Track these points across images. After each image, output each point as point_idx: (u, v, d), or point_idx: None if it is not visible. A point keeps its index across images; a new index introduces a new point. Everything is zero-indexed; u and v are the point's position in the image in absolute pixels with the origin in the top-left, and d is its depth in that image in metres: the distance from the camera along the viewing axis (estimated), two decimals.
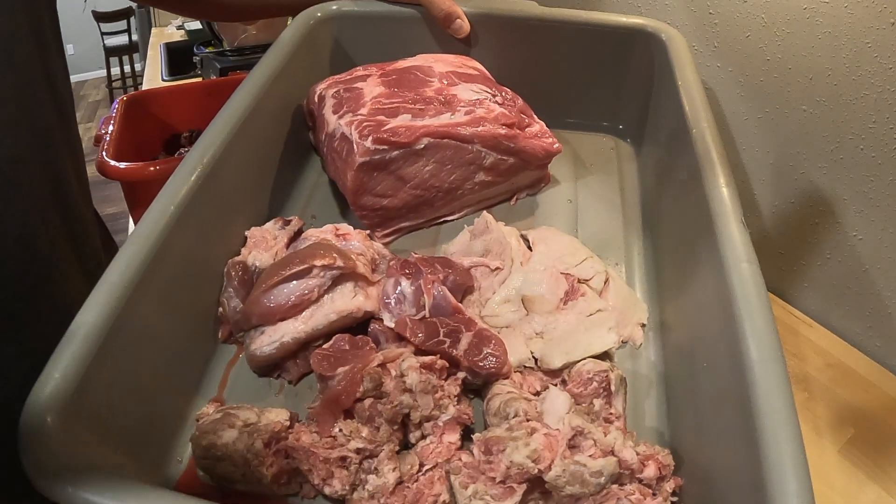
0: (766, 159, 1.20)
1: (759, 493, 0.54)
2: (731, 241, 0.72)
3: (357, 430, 0.68)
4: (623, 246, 0.96)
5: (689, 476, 0.68)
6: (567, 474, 0.62)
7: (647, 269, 0.93)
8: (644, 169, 1.08)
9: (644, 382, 0.81)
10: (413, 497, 0.66)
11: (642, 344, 0.84)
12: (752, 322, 0.64)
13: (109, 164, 1.29)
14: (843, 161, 1.08)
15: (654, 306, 0.88)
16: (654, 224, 0.97)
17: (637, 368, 0.82)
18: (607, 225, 0.99)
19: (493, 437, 0.64)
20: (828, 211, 1.12)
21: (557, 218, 0.99)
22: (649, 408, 0.79)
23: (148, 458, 0.73)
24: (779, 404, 0.58)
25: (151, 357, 0.73)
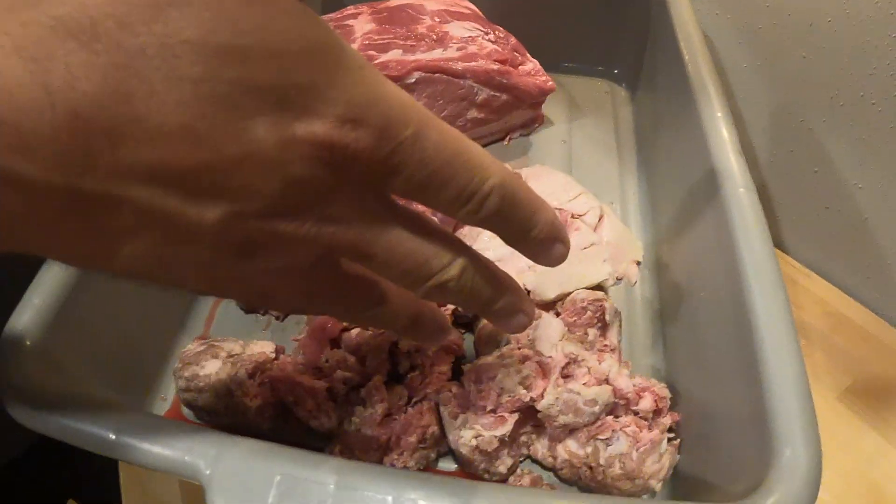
0: (765, 109, 1.15)
1: (762, 430, 0.50)
2: (728, 170, 0.68)
3: (344, 359, 0.64)
4: (618, 185, 0.92)
5: (687, 412, 0.65)
6: (560, 402, 0.59)
7: (643, 209, 0.89)
8: (640, 112, 1.03)
9: (639, 320, 0.77)
10: (401, 428, 0.62)
11: (637, 282, 0.80)
12: (751, 247, 0.60)
13: None
14: (844, 109, 1.03)
15: (650, 245, 0.84)
16: (651, 165, 0.93)
17: (632, 306, 0.78)
18: (602, 165, 0.94)
19: (483, 364, 0.60)
20: (827, 160, 1.07)
21: (551, 158, 0.95)
22: (645, 345, 0.75)
23: (132, 395, 0.69)
24: (781, 332, 0.54)
25: (134, 292, 0.69)
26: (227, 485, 0.46)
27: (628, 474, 0.59)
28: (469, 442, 0.59)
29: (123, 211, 0.32)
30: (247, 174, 0.33)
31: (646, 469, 0.60)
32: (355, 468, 0.46)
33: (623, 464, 0.59)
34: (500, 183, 0.39)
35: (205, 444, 0.49)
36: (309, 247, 0.38)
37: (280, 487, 0.45)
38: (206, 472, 0.47)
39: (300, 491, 0.44)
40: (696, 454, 0.62)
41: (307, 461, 0.46)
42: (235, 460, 0.47)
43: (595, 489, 0.62)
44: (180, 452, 0.49)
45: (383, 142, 0.35)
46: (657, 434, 0.61)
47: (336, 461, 0.46)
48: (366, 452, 0.62)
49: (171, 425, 0.52)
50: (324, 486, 0.44)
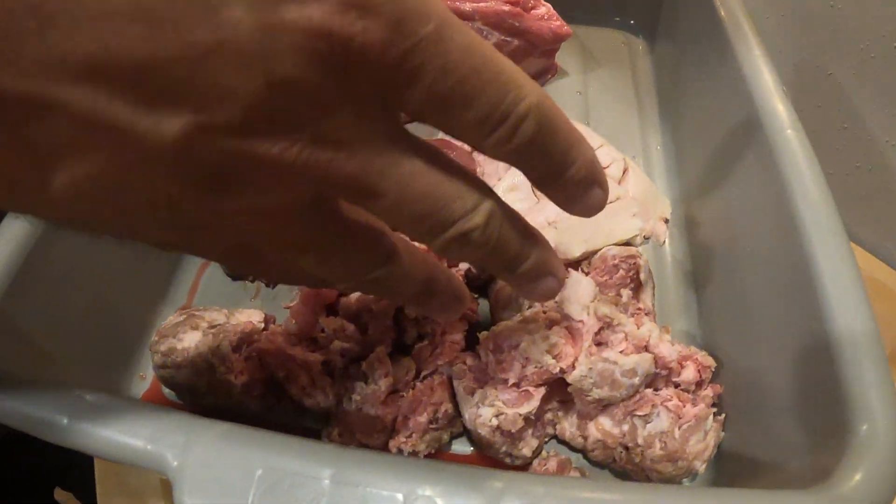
0: (790, 61, 1.05)
1: (829, 403, 0.42)
2: (772, 112, 0.58)
3: (342, 327, 0.54)
4: (640, 139, 0.82)
5: (731, 384, 0.56)
6: (594, 374, 0.49)
7: (669, 163, 0.79)
8: (660, 63, 0.93)
9: (670, 281, 0.67)
10: (409, 406, 0.53)
11: (666, 241, 0.70)
12: (805, 193, 0.51)
13: None
14: (874, 61, 0.93)
15: (677, 202, 0.74)
16: (674, 118, 0.83)
17: (662, 266, 0.69)
18: (622, 118, 0.84)
19: (504, 330, 0.51)
20: (857, 115, 0.98)
21: (566, 109, 0.81)
22: (678, 309, 0.66)
23: (105, 373, 0.61)
24: (849, 287, 0.46)
25: (107, 257, 0.60)
26: (198, 480, 0.37)
27: (670, 455, 0.50)
28: (489, 421, 0.49)
29: (55, 120, 0.23)
30: (217, 71, 0.23)
31: (689, 449, 0.50)
32: (356, 458, 0.36)
33: (664, 443, 0.50)
34: (537, 103, 0.30)
35: (172, 429, 0.39)
36: (298, 178, 0.27)
37: (263, 483, 0.35)
38: (174, 463, 0.38)
39: (287, 487, 0.35)
40: (741, 430, 0.53)
41: (296, 449, 0.37)
42: (208, 449, 0.38)
43: (631, 472, 0.53)
44: (143, 440, 0.39)
45: (398, 37, 0.25)
46: (702, 408, 0.51)
47: (332, 449, 0.37)
48: (368, 435, 0.53)
49: (135, 407, 0.42)
50: (317, 480, 0.35)
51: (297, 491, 0.35)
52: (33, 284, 0.52)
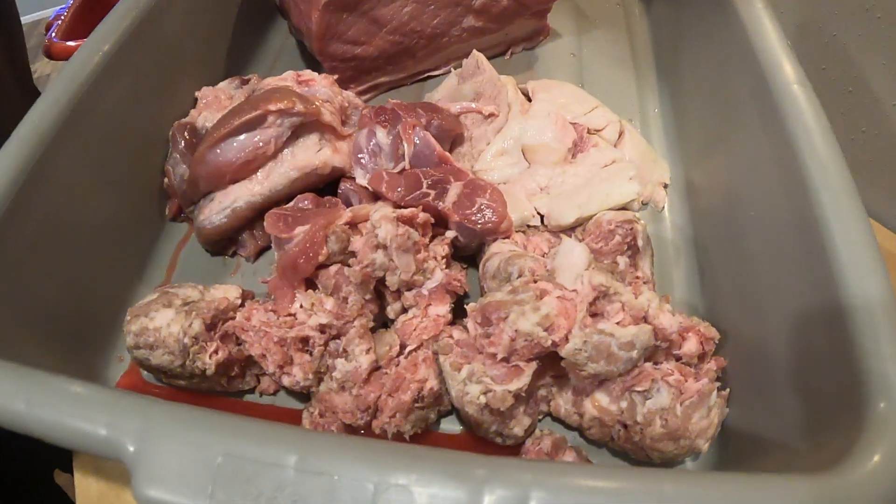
0: (792, 22, 1.00)
1: (843, 377, 0.38)
2: (777, 66, 0.54)
3: (320, 301, 0.50)
4: (637, 102, 0.77)
5: (735, 357, 0.52)
6: (589, 347, 0.45)
7: (667, 127, 0.74)
8: (657, 24, 0.88)
9: (671, 249, 0.63)
10: (393, 384, 0.49)
11: (665, 206, 0.66)
12: (814, 150, 0.47)
13: (57, 44, 1.09)
14: (881, 21, 0.88)
15: (677, 167, 0.70)
16: (673, 80, 0.78)
17: (661, 233, 0.64)
18: (618, 80, 0.80)
19: (491, 302, 0.46)
20: (862, 79, 0.93)
21: (559, 72, 0.80)
22: (679, 277, 0.61)
23: (81, 356, 0.57)
24: (864, 252, 0.42)
25: (78, 234, 0.57)
26: (156, 468, 0.33)
27: (671, 433, 0.46)
28: (477, 399, 0.45)
29: None
30: None
31: (692, 426, 0.46)
32: (323, 443, 0.32)
33: (666, 420, 0.46)
34: None
35: (129, 413, 0.36)
36: None
37: (223, 471, 0.32)
38: (130, 449, 0.34)
39: (249, 475, 0.31)
40: (747, 406, 0.49)
41: (259, 435, 0.33)
42: (166, 435, 0.34)
43: (630, 452, 0.49)
44: (97, 426, 0.36)
45: None
46: (705, 383, 0.47)
47: (297, 434, 0.33)
48: (351, 415, 0.49)
49: (92, 392, 0.38)
50: (281, 468, 0.31)
51: (260, 480, 0.31)
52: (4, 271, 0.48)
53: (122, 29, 0.61)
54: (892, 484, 0.32)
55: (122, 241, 0.62)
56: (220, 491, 0.31)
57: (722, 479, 0.34)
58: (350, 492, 0.30)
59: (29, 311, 0.51)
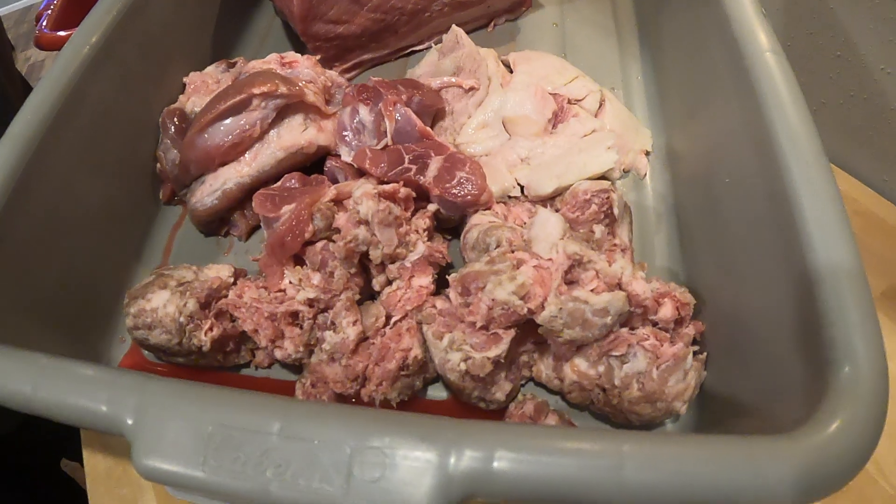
0: None
1: (811, 340, 0.39)
2: (750, 33, 0.54)
3: (307, 277, 0.52)
4: (619, 70, 0.78)
5: (713, 321, 0.54)
6: (564, 314, 0.47)
7: (649, 94, 0.75)
8: None
9: (651, 216, 0.64)
10: (379, 354, 0.51)
11: (647, 174, 0.67)
12: (784, 117, 0.48)
13: (47, 35, 1.10)
14: None
15: (659, 134, 0.71)
16: (655, 48, 0.79)
17: (642, 200, 0.65)
18: (600, 49, 0.80)
19: (470, 272, 0.48)
20: (850, 43, 0.92)
21: (542, 42, 0.81)
22: (660, 244, 0.63)
23: (84, 338, 0.59)
24: (830, 217, 0.43)
25: (76, 222, 0.59)
26: (152, 439, 0.35)
27: (648, 396, 0.48)
28: (458, 366, 0.47)
29: None
30: None
31: (669, 389, 0.48)
32: (303, 411, 0.35)
33: (642, 384, 0.48)
34: None
35: (127, 390, 0.38)
36: None
37: (214, 439, 0.34)
38: (129, 422, 0.37)
39: (237, 442, 0.34)
40: (725, 370, 0.51)
41: (244, 405, 0.35)
42: (160, 408, 0.36)
43: (610, 414, 0.51)
44: (97, 402, 0.38)
45: None
46: (681, 348, 0.49)
47: (280, 403, 0.35)
48: (342, 384, 0.51)
49: (93, 371, 0.40)
50: (266, 435, 0.34)
51: (247, 446, 0.33)
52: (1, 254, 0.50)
53: (109, 20, 0.62)
54: (853, 445, 0.34)
55: (118, 227, 0.64)
56: (212, 458, 0.33)
57: (681, 440, 0.35)
58: (329, 454, 0.32)
59: (33, 299, 0.53)
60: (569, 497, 0.33)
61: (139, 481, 0.57)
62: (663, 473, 0.33)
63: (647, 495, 0.33)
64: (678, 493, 0.33)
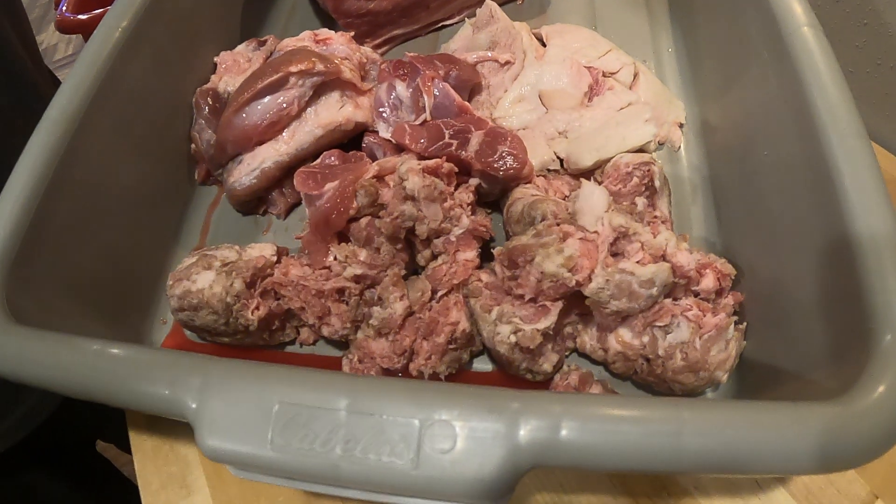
0: None
1: (852, 311, 0.39)
2: (787, 8, 0.54)
3: (353, 253, 0.52)
4: (650, 42, 0.77)
5: (751, 291, 0.53)
6: (611, 286, 0.47)
7: (681, 67, 0.74)
8: None
9: (687, 188, 0.64)
10: (427, 328, 0.52)
11: (681, 146, 0.67)
12: (824, 92, 0.47)
13: (68, 18, 1.09)
14: None
15: (692, 105, 0.70)
16: (686, 18, 0.78)
17: (678, 172, 0.65)
18: (631, 22, 0.79)
19: (517, 246, 0.49)
20: (877, 10, 0.91)
21: (572, 15, 0.79)
22: (696, 216, 0.63)
23: (126, 320, 0.60)
24: (871, 189, 0.43)
25: (114, 205, 0.59)
26: (217, 420, 0.36)
27: (691, 366, 0.48)
28: (507, 339, 0.48)
29: None
30: None
31: (711, 359, 0.49)
32: (370, 386, 0.35)
33: (685, 354, 0.48)
34: None
35: (188, 372, 0.39)
36: None
37: (280, 418, 0.35)
38: (192, 405, 0.37)
39: (304, 420, 0.34)
40: (764, 339, 0.51)
41: (311, 382, 0.36)
42: (224, 389, 0.37)
43: (653, 384, 0.52)
44: (160, 386, 0.39)
45: None
46: (723, 318, 0.49)
47: (346, 379, 0.36)
48: (389, 359, 0.52)
49: (152, 355, 0.41)
50: (333, 412, 0.34)
51: (314, 423, 0.34)
52: (44, 240, 0.51)
53: (138, 3, 0.62)
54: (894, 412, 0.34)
55: (156, 208, 0.64)
56: (279, 436, 0.34)
57: (736, 406, 0.36)
58: (398, 428, 0.33)
59: (74, 282, 0.54)
60: (631, 463, 0.34)
61: (186, 458, 0.58)
62: (721, 438, 0.34)
63: (705, 460, 0.34)
64: (734, 457, 0.34)
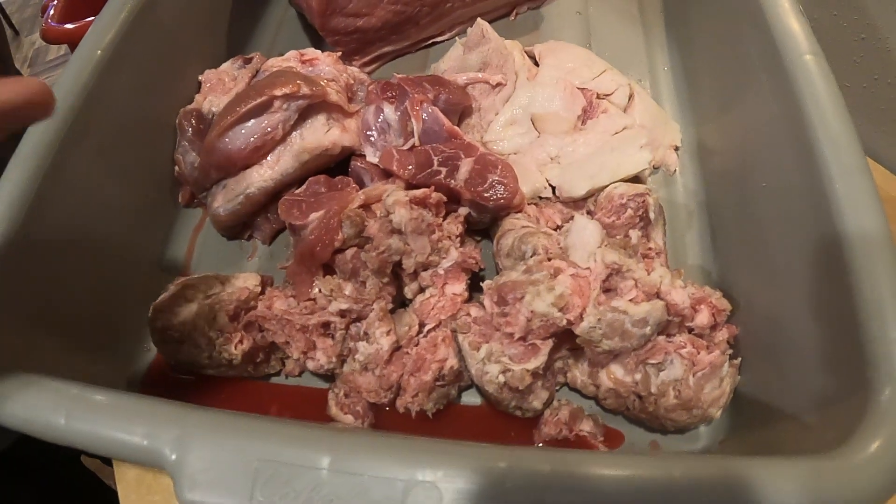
0: None
1: (851, 354, 0.39)
2: (789, 34, 0.53)
3: (339, 287, 0.51)
4: (646, 61, 0.76)
5: (747, 324, 0.53)
6: (603, 325, 0.46)
7: (678, 86, 0.73)
8: None
9: (682, 213, 0.63)
10: (414, 365, 0.50)
11: (677, 170, 0.66)
12: (826, 126, 0.46)
13: (53, 28, 1.07)
14: None
15: (688, 128, 0.69)
16: (683, 37, 0.76)
17: (673, 197, 0.64)
18: (626, 39, 0.78)
19: (507, 282, 0.47)
20: (874, 25, 0.90)
21: (566, 32, 0.78)
22: (691, 242, 0.62)
23: (111, 349, 0.58)
24: (873, 230, 0.42)
25: (96, 229, 0.58)
26: (197, 474, 0.35)
27: (685, 404, 0.47)
28: (496, 379, 0.47)
29: None
30: None
31: (705, 396, 0.48)
32: (354, 443, 0.34)
33: (679, 391, 0.48)
34: None
35: (167, 422, 0.37)
36: None
37: (261, 475, 0.33)
38: (172, 457, 0.36)
39: (285, 478, 0.33)
40: (758, 374, 0.50)
41: (292, 438, 0.35)
42: (204, 442, 0.36)
43: (646, 420, 0.51)
44: (139, 437, 0.37)
45: None
46: (718, 355, 0.48)
47: (328, 435, 0.35)
48: (375, 394, 0.50)
49: (129, 402, 0.40)
50: (315, 470, 0.33)
51: (296, 482, 0.33)
52: (21, 267, 0.49)
53: (120, 20, 0.60)
54: (890, 470, 0.34)
55: (139, 232, 0.63)
56: (260, 493, 0.33)
57: (726, 465, 0.35)
58: (381, 489, 0.32)
59: (54, 308, 0.52)
60: None
61: (170, 488, 0.57)
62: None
63: None
64: None
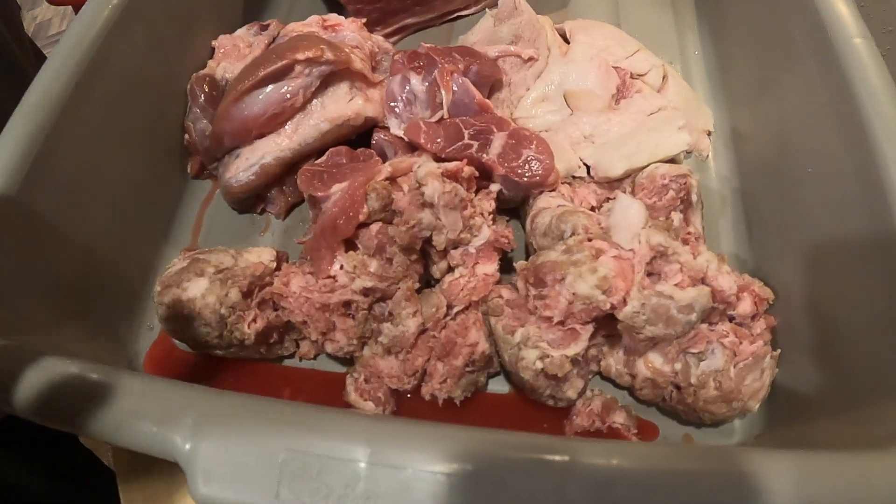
0: None
1: None
2: (838, 17, 0.49)
3: (363, 263, 0.47)
4: (676, 43, 0.72)
5: (787, 315, 0.49)
6: (647, 310, 0.42)
7: (710, 70, 0.70)
8: None
9: (716, 199, 0.60)
10: (443, 349, 0.46)
11: (709, 155, 0.62)
12: (880, 112, 0.44)
13: None
14: None
15: (720, 113, 0.66)
16: (715, 21, 0.73)
17: (706, 183, 0.61)
18: (656, 20, 0.74)
19: (546, 262, 0.44)
20: None
21: (595, 10, 0.74)
22: (725, 230, 0.58)
23: (112, 326, 0.54)
24: None
25: (98, 199, 0.53)
26: (213, 466, 0.31)
27: (725, 396, 0.44)
28: (533, 365, 0.43)
29: None
30: None
31: (745, 388, 0.44)
32: (393, 433, 0.30)
33: (719, 383, 0.44)
34: None
35: (180, 407, 0.33)
36: None
37: (287, 468, 0.29)
38: (185, 447, 0.32)
39: (316, 472, 0.29)
40: (797, 367, 0.47)
41: (323, 425, 0.31)
42: (222, 429, 0.32)
43: (681, 412, 0.47)
44: (149, 422, 0.33)
45: None
46: (760, 346, 0.45)
47: (367, 424, 0.31)
48: (398, 379, 0.47)
49: (139, 383, 0.35)
50: (350, 463, 0.29)
51: (328, 476, 0.29)
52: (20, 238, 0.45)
53: None
54: None
55: (144, 203, 0.58)
56: (286, 489, 0.29)
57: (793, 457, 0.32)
58: (427, 486, 0.28)
59: (53, 281, 0.48)
60: None
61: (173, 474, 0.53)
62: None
63: None
64: None
